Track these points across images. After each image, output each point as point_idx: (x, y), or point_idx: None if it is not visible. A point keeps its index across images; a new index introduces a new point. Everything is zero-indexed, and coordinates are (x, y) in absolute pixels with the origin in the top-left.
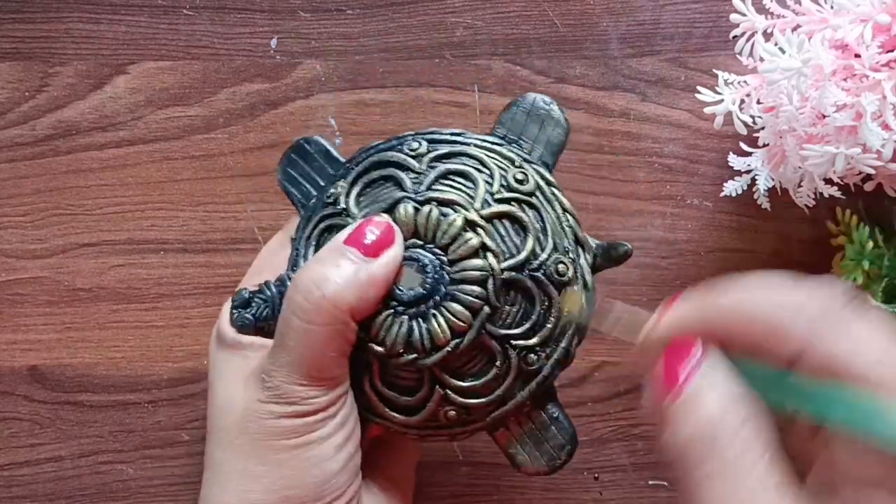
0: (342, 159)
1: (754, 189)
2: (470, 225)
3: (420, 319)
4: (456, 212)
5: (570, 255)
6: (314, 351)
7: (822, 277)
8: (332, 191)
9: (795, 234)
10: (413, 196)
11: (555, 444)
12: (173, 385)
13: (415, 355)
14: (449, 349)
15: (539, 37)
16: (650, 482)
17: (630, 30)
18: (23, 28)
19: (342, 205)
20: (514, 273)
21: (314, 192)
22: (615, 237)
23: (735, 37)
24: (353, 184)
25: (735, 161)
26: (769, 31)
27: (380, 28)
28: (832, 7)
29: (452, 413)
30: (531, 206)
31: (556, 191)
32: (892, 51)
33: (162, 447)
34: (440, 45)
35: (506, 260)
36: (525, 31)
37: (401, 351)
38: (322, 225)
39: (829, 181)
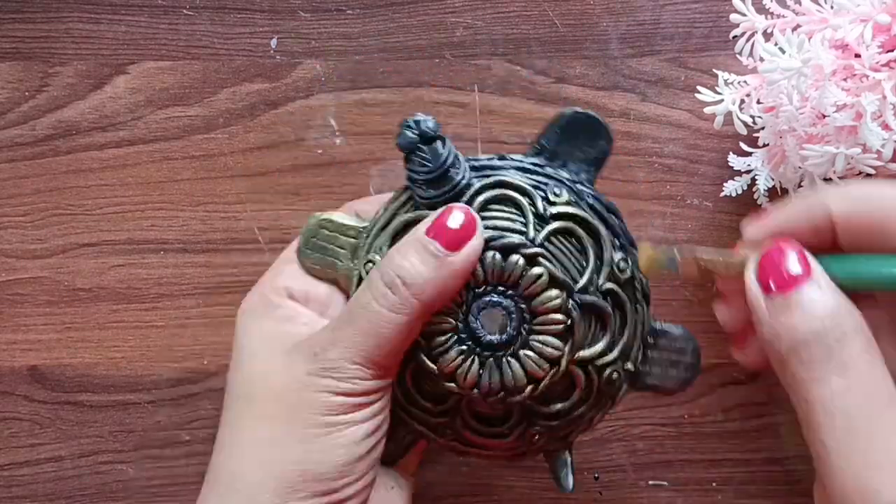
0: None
1: (754, 189)
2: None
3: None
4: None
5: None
6: (384, 340)
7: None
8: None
9: None
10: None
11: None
12: (173, 385)
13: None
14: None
15: (539, 37)
16: (650, 482)
17: (630, 30)
18: (23, 28)
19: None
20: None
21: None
22: None
23: (735, 37)
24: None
25: (735, 161)
26: (769, 31)
27: (380, 28)
28: (832, 7)
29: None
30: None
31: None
32: (892, 51)
33: (162, 447)
34: (440, 45)
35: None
36: (525, 31)
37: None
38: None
39: (828, 181)
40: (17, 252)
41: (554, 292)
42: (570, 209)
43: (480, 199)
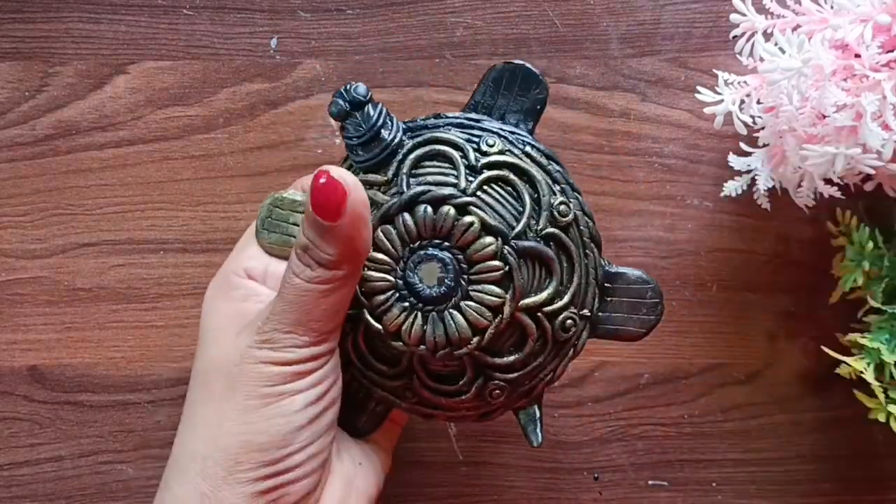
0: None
1: (754, 189)
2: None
3: (453, 312)
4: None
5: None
6: (308, 306)
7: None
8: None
9: (795, 234)
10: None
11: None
12: (173, 385)
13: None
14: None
15: (539, 37)
16: (650, 482)
17: (630, 30)
18: (23, 28)
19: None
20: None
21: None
22: (615, 237)
23: (735, 37)
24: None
25: (735, 161)
26: (769, 31)
27: (380, 28)
28: (832, 7)
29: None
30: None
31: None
32: (892, 51)
33: (162, 447)
34: (440, 45)
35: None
36: (525, 30)
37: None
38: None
39: (828, 181)
40: (17, 252)
41: (488, 239)
42: (502, 157)
43: (412, 156)
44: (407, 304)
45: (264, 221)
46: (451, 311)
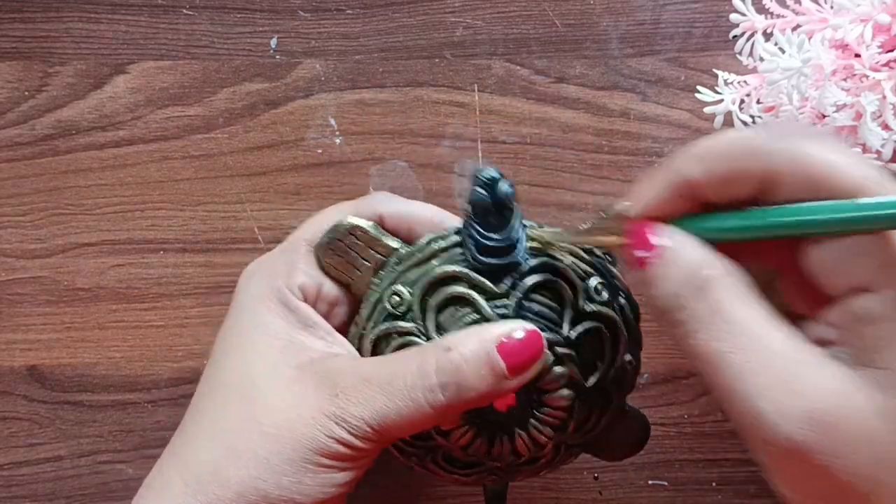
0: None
1: None
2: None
3: (504, 434)
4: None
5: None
6: (410, 423)
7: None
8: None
9: None
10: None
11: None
12: (173, 385)
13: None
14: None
15: (539, 36)
16: (650, 482)
17: (630, 29)
18: (22, 27)
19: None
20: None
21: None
22: None
23: (735, 36)
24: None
25: None
26: (769, 30)
27: (380, 28)
28: (832, 7)
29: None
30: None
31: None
32: (892, 51)
33: (162, 447)
34: (440, 45)
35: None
36: (525, 30)
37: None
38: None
39: None
40: (17, 252)
41: (566, 392)
42: (604, 310)
43: (531, 282)
44: (469, 415)
45: (333, 242)
46: (502, 433)
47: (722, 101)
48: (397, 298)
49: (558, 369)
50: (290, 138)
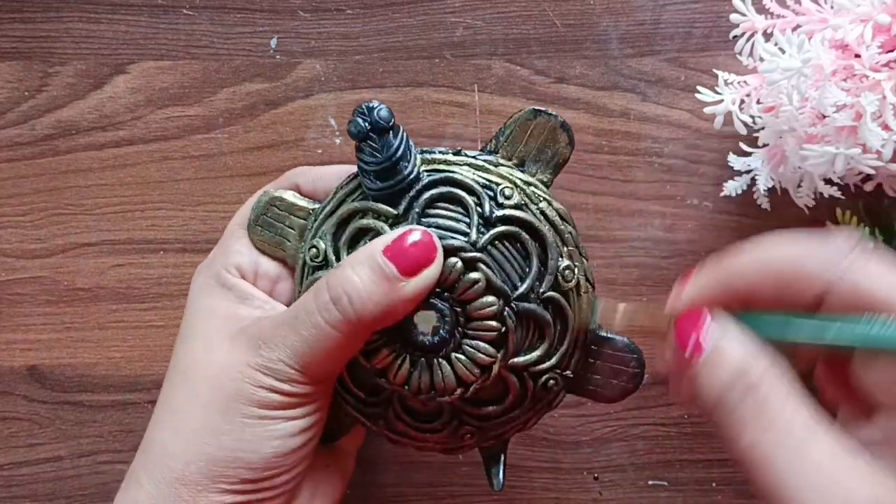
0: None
1: (754, 189)
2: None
3: (442, 361)
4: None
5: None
6: (323, 351)
7: (826, 230)
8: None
9: None
10: None
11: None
12: None
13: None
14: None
15: (539, 37)
16: (650, 482)
17: (630, 30)
18: (22, 28)
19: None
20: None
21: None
22: (615, 237)
23: (735, 37)
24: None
25: (735, 161)
26: (769, 31)
27: (380, 28)
28: (832, 7)
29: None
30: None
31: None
32: (892, 51)
33: None
34: (440, 45)
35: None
36: (525, 30)
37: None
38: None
39: (828, 181)
40: (17, 252)
41: (490, 298)
42: (517, 213)
43: (427, 196)
44: (397, 345)
45: (259, 218)
46: (440, 360)
47: (722, 101)
48: (314, 251)
49: (472, 275)
50: (290, 138)
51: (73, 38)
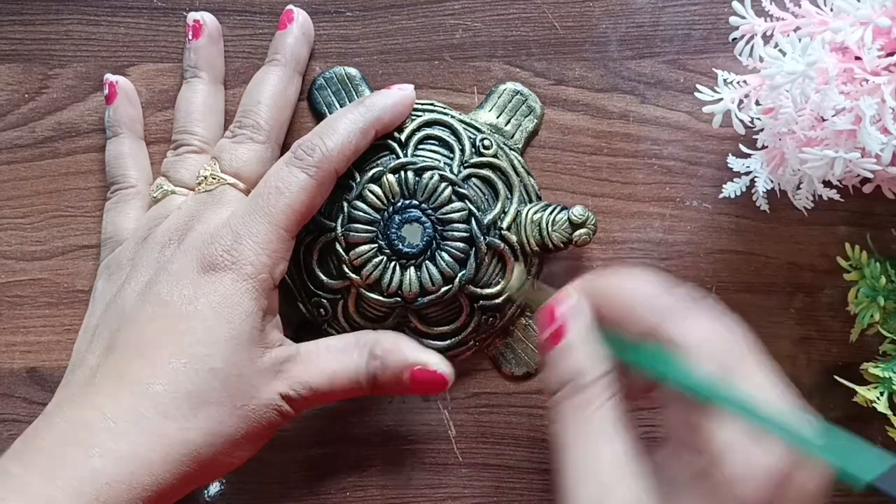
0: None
1: (753, 191)
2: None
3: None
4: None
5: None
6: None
7: (684, 282)
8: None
9: (794, 236)
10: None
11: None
12: None
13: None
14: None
15: (538, 39)
16: None
17: (629, 32)
18: (22, 30)
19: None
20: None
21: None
22: (614, 239)
23: (734, 39)
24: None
25: (734, 163)
26: (768, 33)
27: (379, 30)
28: (832, 10)
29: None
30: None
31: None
32: (892, 54)
33: None
34: (439, 48)
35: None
36: (524, 33)
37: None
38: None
39: (827, 184)
40: (17, 254)
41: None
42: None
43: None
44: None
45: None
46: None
47: (721, 100)
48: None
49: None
50: (290, 140)
51: (72, 41)
